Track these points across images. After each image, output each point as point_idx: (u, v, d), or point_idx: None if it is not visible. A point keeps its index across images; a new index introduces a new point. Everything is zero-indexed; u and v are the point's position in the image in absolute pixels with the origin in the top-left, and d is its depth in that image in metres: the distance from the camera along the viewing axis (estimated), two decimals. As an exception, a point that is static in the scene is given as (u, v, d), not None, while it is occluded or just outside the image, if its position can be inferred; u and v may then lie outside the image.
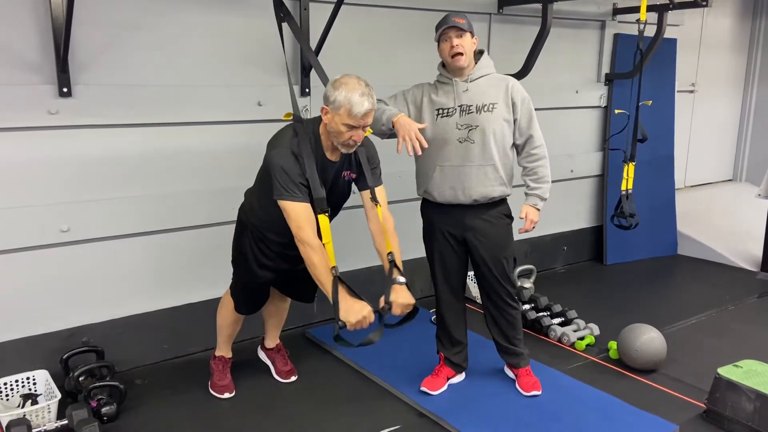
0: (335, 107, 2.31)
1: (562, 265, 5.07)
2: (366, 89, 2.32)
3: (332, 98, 2.31)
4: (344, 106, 2.29)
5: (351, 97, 2.28)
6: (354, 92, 2.29)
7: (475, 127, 2.72)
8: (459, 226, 2.83)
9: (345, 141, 2.37)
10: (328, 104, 2.34)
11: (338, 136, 2.36)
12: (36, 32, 2.76)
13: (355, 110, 2.29)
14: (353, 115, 2.29)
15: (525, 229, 2.85)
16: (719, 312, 4.12)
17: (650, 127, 4.28)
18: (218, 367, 3.01)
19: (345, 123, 2.32)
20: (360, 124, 2.33)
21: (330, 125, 2.36)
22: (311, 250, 2.29)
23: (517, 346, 3.00)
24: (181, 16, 3.11)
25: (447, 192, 2.78)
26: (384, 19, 3.80)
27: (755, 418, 2.64)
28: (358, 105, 2.28)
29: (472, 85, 2.74)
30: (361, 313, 2.23)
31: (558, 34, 4.37)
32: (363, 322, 2.24)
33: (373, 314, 2.27)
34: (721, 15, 6.04)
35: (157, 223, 3.19)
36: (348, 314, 2.22)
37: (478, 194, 2.77)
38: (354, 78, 2.34)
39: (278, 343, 3.19)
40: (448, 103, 2.75)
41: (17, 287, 2.91)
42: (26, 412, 2.55)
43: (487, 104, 2.72)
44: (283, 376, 3.12)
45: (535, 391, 2.95)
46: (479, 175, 2.75)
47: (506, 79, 2.78)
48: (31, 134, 2.82)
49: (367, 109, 2.31)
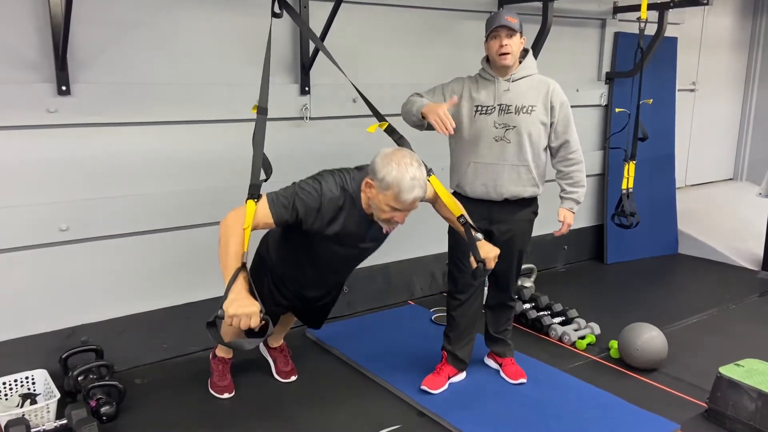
0: (382, 186, 2.19)
1: (563, 264, 5.06)
2: (418, 171, 2.19)
3: (380, 175, 2.18)
4: (392, 188, 2.17)
5: (401, 181, 2.16)
6: (405, 175, 2.16)
7: (513, 128, 2.73)
8: (486, 218, 2.85)
9: (385, 219, 2.29)
10: (374, 179, 2.21)
11: (379, 213, 2.28)
12: (34, 30, 2.75)
13: (403, 196, 2.17)
14: (400, 201, 2.19)
15: (561, 233, 2.92)
16: (720, 311, 4.11)
17: (651, 126, 4.28)
18: (218, 367, 3.00)
19: (389, 204, 2.22)
20: (406, 209, 2.24)
21: (373, 201, 2.26)
22: (233, 232, 2.10)
23: (506, 336, 3.11)
24: (180, 14, 3.10)
25: (479, 188, 2.80)
26: (385, 17, 3.78)
27: (757, 417, 2.63)
28: (408, 191, 2.17)
29: (514, 86, 2.75)
30: (244, 309, 1.94)
31: (558, 32, 4.36)
32: (241, 320, 1.94)
33: (257, 318, 1.97)
34: (722, 14, 6.03)
35: (157, 221, 3.18)
36: (231, 305, 1.95)
37: (510, 193, 2.80)
38: (408, 156, 2.21)
39: (282, 343, 3.18)
40: (487, 101, 2.76)
41: (16, 286, 2.90)
42: (25, 411, 2.54)
43: (526, 106, 2.73)
44: (283, 376, 3.11)
45: (521, 379, 3.03)
46: (512, 175, 2.77)
47: (548, 82, 2.80)
48: (30, 133, 2.81)
49: (416, 197, 2.19)
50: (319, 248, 2.47)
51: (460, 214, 2.51)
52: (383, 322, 3.78)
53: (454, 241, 2.96)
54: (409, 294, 4.23)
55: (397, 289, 4.15)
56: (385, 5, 3.75)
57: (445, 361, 3.04)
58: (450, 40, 4.02)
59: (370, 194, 2.28)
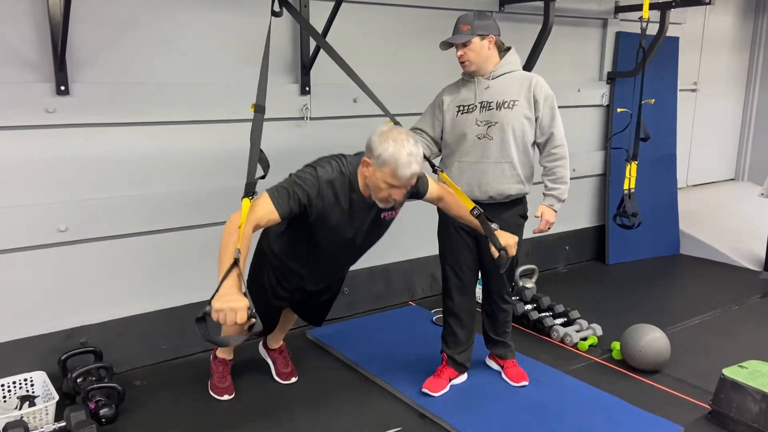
0: (379, 163, 2.20)
1: (564, 265, 5.04)
2: (414, 148, 2.21)
3: (377, 152, 2.20)
4: (389, 164, 2.18)
5: (398, 156, 2.17)
6: (402, 151, 2.17)
7: (494, 124, 2.72)
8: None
9: (384, 197, 2.28)
10: (371, 157, 2.23)
11: (377, 192, 2.28)
12: (33, 29, 2.74)
13: (400, 172, 2.19)
14: (398, 177, 2.20)
15: (540, 230, 2.87)
16: (723, 312, 4.09)
17: (652, 126, 4.27)
18: (218, 368, 2.98)
19: (387, 181, 2.22)
20: (403, 185, 2.24)
21: (370, 179, 2.27)
22: (234, 231, 2.07)
23: (506, 338, 3.08)
24: (179, 14, 3.09)
25: (463, 188, 2.78)
26: (385, 16, 3.77)
27: (761, 419, 2.61)
28: (405, 167, 2.18)
29: (494, 82, 2.75)
30: (230, 305, 1.88)
31: (560, 32, 4.34)
32: (227, 315, 1.88)
33: (244, 315, 1.89)
34: (723, 13, 6.02)
35: (156, 222, 3.16)
36: (218, 300, 1.90)
37: (494, 191, 2.77)
38: (403, 133, 2.24)
39: (282, 344, 3.17)
40: (469, 99, 2.77)
41: (14, 287, 2.89)
42: (24, 413, 2.53)
43: (507, 101, 2.72)
44: (283, 378, 3.09)
45: (524, 382, 3.01)
46: (496, 172, 2.75)
47: (530, 77, 2.78)
48: (28, 133, 2.79)
49: (414, 172, 2.21)
50: (319, 237, 2.45)
51: (474, 206, 2.49)
52: (384, 323, 3.77)
53: (443, 244, 2.95)
54: (409, 295, 4.21)
55: (397, 290, 4.14)
56: (385, 5, 3.74)
57: (445, 364, 3.02)
58: (451, 39, 4.00)
59: (367, 173, 2.27)
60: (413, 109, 3.79)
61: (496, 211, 2.79)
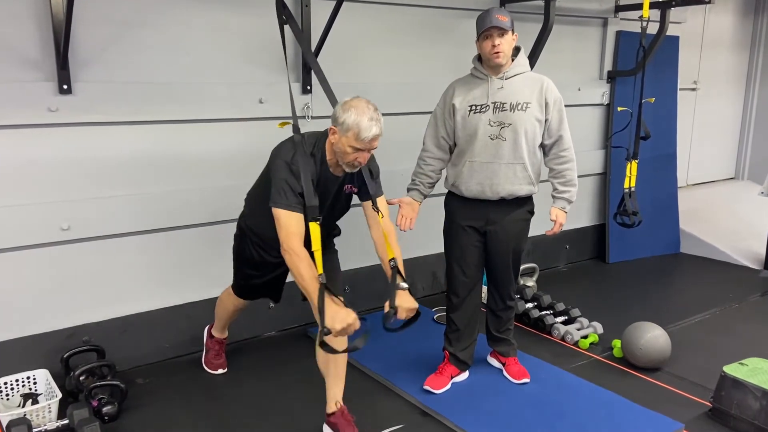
0: (343, 129, 2.33)
1: (565, 263, 5.05)
2: (375, 114, 2.35)
3: (341, 120, 2.34)
4: (352, 129, 2.32)
5: (360, 121, 2.31)
6: (363, 116, 2.31)
7: (508, 125, 2.72)
8: (482, 219, 2.85)
9: (350, 162, 2.40)
10: (336, 125, 2.37)
11: (343, 157, 2.39)
12: (36, 29, 2.74)
13: (363, 134, 2.31)
14: (360, 139, 2.32)
15: (553, 232, 2.89)
16: (723, 310, 4.10)
17: (653, 125, 4.27)
18: (214, 347, 3.18)
19: (352, 145, 2.34)
20: (366, 148, 2.36)
21: (336, 145, 2.39)
22: (298, 260, 2.29)
23: (509, 336, 3.10)
24: (182, 13, 3.09)
25: (474, 187, 2.79)
26: (386, 16, 3.77)
27: (761, 416, 2.62)
28: (366, 130, 2.31)
29: (507, 83, 2.74)
30: (346, 320, 2.19)
31: (560, 31, 4.35)
32: (348, 329, 2.21)
33: (358, 321, 2.22)
34: (723, 12, 6.02)
35: (159, 221, 3.17)
36: (333, 321, 2.18)
37: (506, 192, 2.78)
38: (363, 102, 2.37)
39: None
40: (481, 99, 2.76)
41: (17, 286, 2.89)
42: (27, 411, 2.54)
43: (521, 103, 2.72)
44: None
45: (525, 379, 3.03)
46: (508, 173, 2.76)
47: (542, 79, 2.78)
48: (31, 132, 2.80)
49: (375, 134, 2.34)
50: None
51: (392, 258, 2.53)
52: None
53: (450, 242, 2.95)
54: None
55: (399, 288, 4.13)
56: (386, 4, 3.74)
57: (447, 361, 3.03)
58: (451, 38, 4.01)
59: (334, 139, 2.39)
60: (413, 108, 3.81)
61: (506, 210, 2.82)
